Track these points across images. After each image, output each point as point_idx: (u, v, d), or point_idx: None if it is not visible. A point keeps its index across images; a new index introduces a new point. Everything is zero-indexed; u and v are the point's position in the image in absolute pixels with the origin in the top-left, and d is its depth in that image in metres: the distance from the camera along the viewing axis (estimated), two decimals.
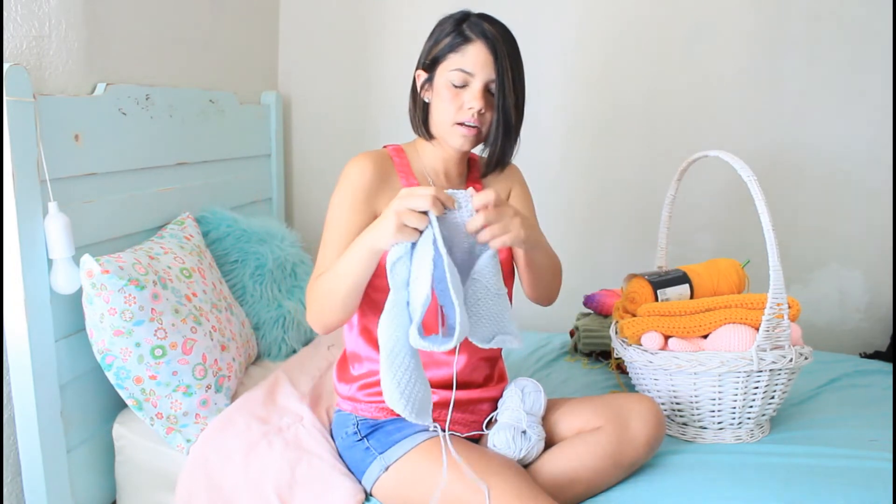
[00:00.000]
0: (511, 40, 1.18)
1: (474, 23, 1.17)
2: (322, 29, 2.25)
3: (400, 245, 0.98)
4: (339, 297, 1.07)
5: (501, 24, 1.19)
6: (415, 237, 0.97)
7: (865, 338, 2.03)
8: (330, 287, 1.08)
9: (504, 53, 1.15)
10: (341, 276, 1.06)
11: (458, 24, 1.18)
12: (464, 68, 1.16)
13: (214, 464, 1.24)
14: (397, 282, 0.98)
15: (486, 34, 1.16)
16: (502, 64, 1.15)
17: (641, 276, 1.47)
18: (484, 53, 1.16)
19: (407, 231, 0.96)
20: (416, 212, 0.96)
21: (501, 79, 1.16)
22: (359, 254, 1.03)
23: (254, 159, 2.11)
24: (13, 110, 1.16)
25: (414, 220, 0.95)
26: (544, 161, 2.13)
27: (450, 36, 1.18)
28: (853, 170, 1.97)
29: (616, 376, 1.66)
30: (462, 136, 1.19)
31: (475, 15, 1.20)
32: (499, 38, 1.16)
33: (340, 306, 1.08)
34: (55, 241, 1.23)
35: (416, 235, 0.97)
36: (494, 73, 1.16)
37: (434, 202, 0.95)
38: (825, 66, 1.94)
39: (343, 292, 1.07)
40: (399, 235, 0.96)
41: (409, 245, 0.98)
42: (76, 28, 1.37)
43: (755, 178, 1.26)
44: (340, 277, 1.06)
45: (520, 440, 1.17)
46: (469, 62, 1.16)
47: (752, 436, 1.35)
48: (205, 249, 1.59)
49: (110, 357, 1.27)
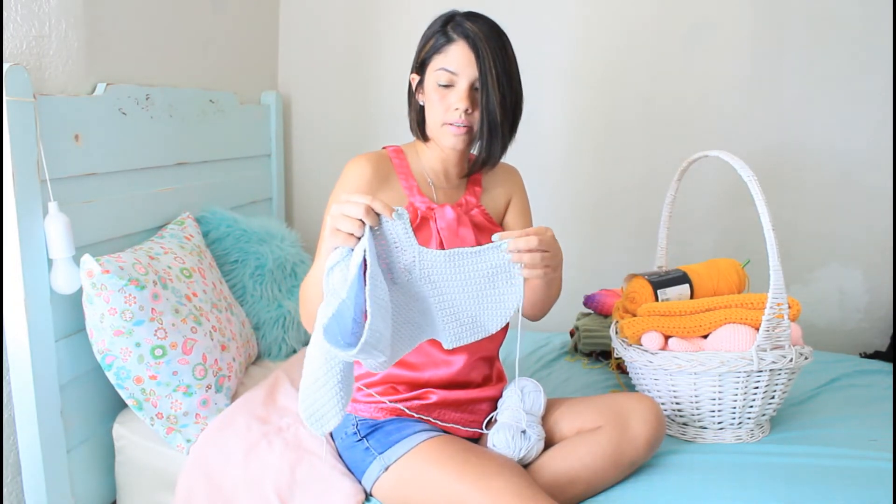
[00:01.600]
0: (497, 37, 1.17)
1: (458, 22, 1.17)
2: (322, 29, 2.25)
3: (337, 251, 0.94)
4: (315, 301, 1.04)
5: (488, 21, 1.19)
6: (350, 242, 0.93)
7: (865, 338, 2.03)
8: (310, 292, 1.08)
9: (487, 51, 1.15)
10: (314, 283, 1.05)
11: (443, 24, 1.19)
12: (447, 68, 1.16)
13: (214, 464, 1.24)
14: (332, 289, 0.94)
15: (468, 33, 1.15)
16: (485, 63, 1.15)
17: (641, 276, 1.47)
18: (466, 53, 1.15)
19: (341, 236, 0.92)
20: (351, 218, 0.92)
21: (485, 77, 1.15)
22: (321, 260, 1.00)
23: (254, 159, 2.11)
24: (13, 110, 1.16)
25: (347, 226, 0.92)
26: (545, 161, 2.13)
27: (434, 37, 1.19)
28: (853, 170, 1.97)
29: (616, 376, 1.66)
30: (453, 137, 1.19)
31: (461, 14, 1.19)
32: (481, 37, 1.15)
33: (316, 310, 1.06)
34: (55, 241, 1.23)
35: (352, 241, 0.93)
36: (477, 72, 1.15)
37: (367, 211, 0.91)
38: (825, 67, 1.94)
39: (317, 298, 1.03)
40: (333, 239, 0.93)
41: (348, 252, 0.93)
42: (76, 28, 1.37)
43: (755, 178, 1.26)
44: (314, 284, 1.05)
45: (519, 440, 1.17)
46: (452, 62, 1.16)
47: (752, 436, 1.35)
48: (205, 249, 1.59)
49: (110, 357, 1.27)
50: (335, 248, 0.94)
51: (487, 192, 1.32)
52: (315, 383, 0.94)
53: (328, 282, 0.94)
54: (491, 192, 1.33)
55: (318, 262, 1.03)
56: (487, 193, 1.32)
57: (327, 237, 0.94)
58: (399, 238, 0.96)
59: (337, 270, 0.94)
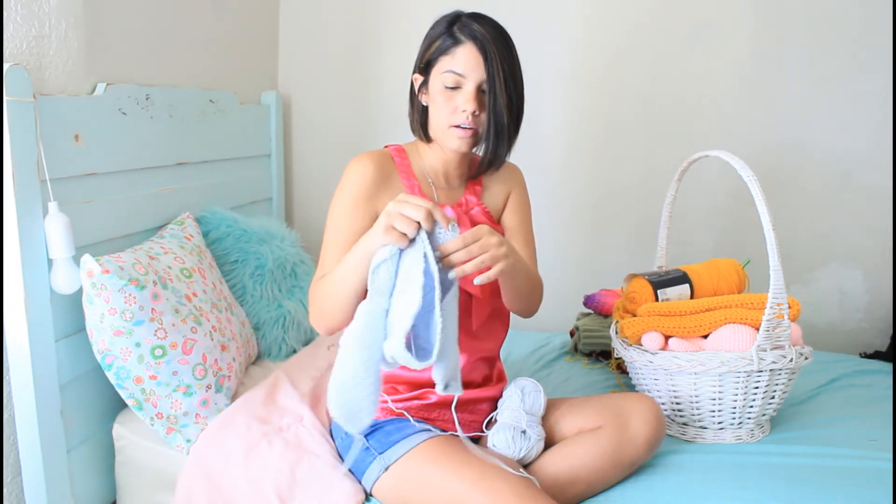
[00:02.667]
0: (503, 39, 1.17)
1: (465, 24, 1.17)
2: (322, 29, 2.25)
3: (386, 248, 0.95)
4: (339, 301, 1.07)
5: (494, 23, 1.18)
6: (402, 242, 0.95)
7: (865, 338, 2.03)
8: (330, 291, 1.08)
9: (495, 54, 1.15)
10: (340, 282, 1.06)
11: (449, 25, 1.18)
12: (455, 70, 1.16)
13: (214, 464, 1.24)
14: (378, 287, 0.95)
15: (476, 35, 1.15)
16: (493, 65, 1.15)
17: (641, 276, 1.47)
18: (474, 55, 1.15)
19: (395, 234, 0.95)
20: (408, 218, 0.94)
21: (493, 80, 1.15)
22: (356, 258, 1.03)
23: (254, 159, 2.11)
24: (13, 110, 1.16)
25: (403, 225, 0.94)
26: (545, 161, 2.13)
27: (440, 38, 1.18)
28: (853, 170, 1.97)
29: (616, 376, 1.66)
30: (458, 139, 1.19)
31: (466, 15, 1.19)
32: (489, 39, 1.15)
33: (339, 310, 1.08)
34: (55, 241, 1.23)
35: (405, 241, 0.95)
36: (485, 74, 1.15)
37: (427, 216, 0.94)
38: (825, 67, 1.94)
39: (342, 297, 1.06)
40: (387, 236, 0.95)
41: (397, 251, 0.95)
42: (76, 28, 1.37)
43: (755, 178, 1.26)
44: (339, 282, 1.06)
45: (519, 440, 1.17)
46: (460, 64, 1.16)
47: (752, 436, 1.35)
48: (205, 249, 1.59)
49: (110, 357, 1.27)
50: (384, 245, 0.95)
51: (488, 190, 1.32)
52: (353, 380, 0.93)
53: (374, 279, 0.95)
54: (491, 189, 1.33)
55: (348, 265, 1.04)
56: (488, 191, 1.32)
57: (380, 233, 0.95)
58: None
59: (383, 268, 0.94)
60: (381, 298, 0.94)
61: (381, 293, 0.95)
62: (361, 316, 0.95)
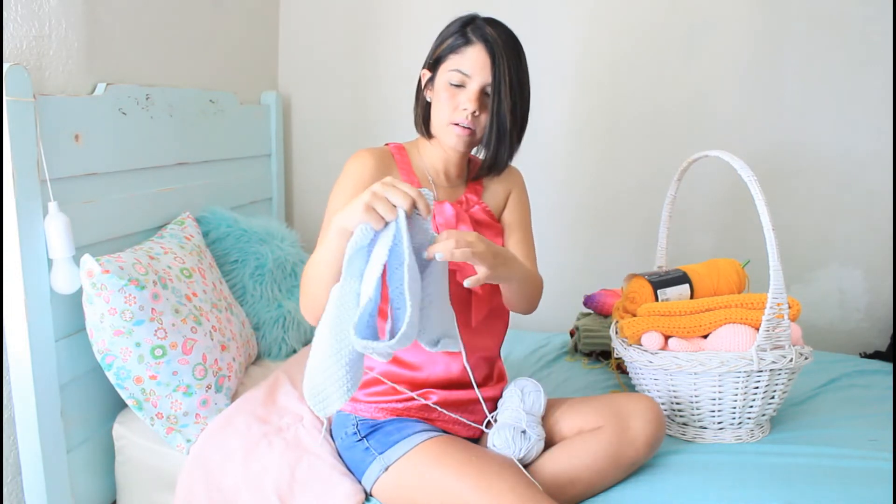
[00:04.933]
0: (514, 46, 1.19)
1: (478, 26, 1.19)
2: (322, 29, 2.25)
3: (363, 230, 0.93)
4: (321, 283, 1.03)
5: (507, 29, 1.20)
6: (379, 224, 0.92)
7: (865, 338, 2.03)
8: (312, 274, 1.05)
9: (503, 58, 1.16)
10: (320, 263, 1.03)
11: (463, 26, 1.20)
12: (461, 69, 1.17)
13: (214, 464, 1.24)
14: (351, 270, 0.93)
15: (487, 38, 1.17)
16: (500, 68, 1.16)
17: (641, 276, 1.47)
18: (483, 56, 1.16)
19: (374, 215, 0.92)
20: (390, 204, 0.92)
21: (498, 83, 1.16)
22: (333, 236, 0.99)
23: (254, 159, 2.11)
24: (13, 110, 1.16)
25: (383, 208, 0.91)
26: (545, 161, 2.13)
27: (453, 37, 1.20)
28: (853, 170, 1.97)
29: (616, 376, 1.66)
30: (456, 136, 1.20)
31: (482, 18, 1.21)
32: (500, 43, 1.16)
33: (323, 293, 1.03)
34: (55, 241, 1.23)
35: (381, 223, 0.92)
36: (491, 77, 1.16)
37: (411, 206, 0.92)
38: (825, 67, 1.94)
39: (323, 278, 1.02)
40: (366, 215, 0.92)
41: (373, 234, 0.93)
42: (76, 28, 1.37)
43: (755, 178, 1.26)
44: (319, 264, 1.03)
45: (520, 440, 1.17)
46: (467, 64, 1.17)
47: (752, 436, 1.35)
48: (205, 249, 1.59)
49: (110, 357, 1.27)
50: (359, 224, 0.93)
51: (488, 190, 1.33)
52: (323, 363, 0.92)
53: (349, 265, 0.94)
54: (491, 189, 1.33)
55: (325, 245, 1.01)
56: (488, 191, 1.33)
57: (359, 210, 0.92)
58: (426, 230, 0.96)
59: (359, 254, 0.94)
60: (352, 282, 0.93)
61: (353, 276, 0.93)
62: (332, 301, 0.94)
